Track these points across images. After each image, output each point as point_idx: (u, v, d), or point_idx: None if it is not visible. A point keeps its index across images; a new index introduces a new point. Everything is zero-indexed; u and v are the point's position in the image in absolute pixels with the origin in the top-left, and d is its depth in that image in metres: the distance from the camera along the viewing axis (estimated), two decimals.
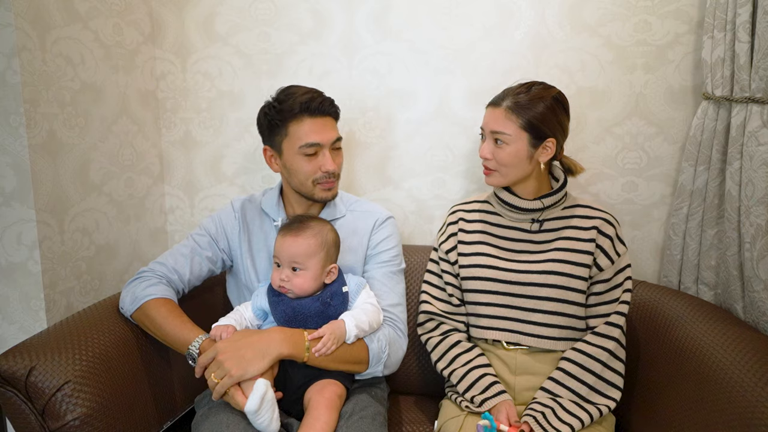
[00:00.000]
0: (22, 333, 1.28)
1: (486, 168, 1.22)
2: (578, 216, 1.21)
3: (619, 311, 1.15)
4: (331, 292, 1.12)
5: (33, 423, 0.97)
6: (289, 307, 1.10)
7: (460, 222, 1.30)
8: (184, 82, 1.66)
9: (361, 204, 1.33)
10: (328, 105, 1.19)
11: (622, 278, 1.18)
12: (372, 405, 1.10)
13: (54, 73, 1.27)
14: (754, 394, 0.88)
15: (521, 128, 1.15)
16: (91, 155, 1.41)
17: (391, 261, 1.26)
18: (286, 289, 1.10)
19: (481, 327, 1.22)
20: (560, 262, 1.17)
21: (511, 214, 1.25)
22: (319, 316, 1.10)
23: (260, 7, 1.58)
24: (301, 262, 1.09)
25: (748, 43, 1.17)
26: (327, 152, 1.18)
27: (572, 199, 1.26)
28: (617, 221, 1.22)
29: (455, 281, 1.27)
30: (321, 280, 1.12)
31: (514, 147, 1.16)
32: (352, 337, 1.07)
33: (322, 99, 1.18)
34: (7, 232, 1.24)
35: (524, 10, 1.45)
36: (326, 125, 1.19)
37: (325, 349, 1.04)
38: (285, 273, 1.10)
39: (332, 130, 1.20)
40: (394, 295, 1.24)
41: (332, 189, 1.22)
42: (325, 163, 1.18)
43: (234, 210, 1.31)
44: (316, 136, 1.16)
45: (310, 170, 1.18)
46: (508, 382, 1.18)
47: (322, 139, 1.17)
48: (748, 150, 1.18)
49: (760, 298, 1.16)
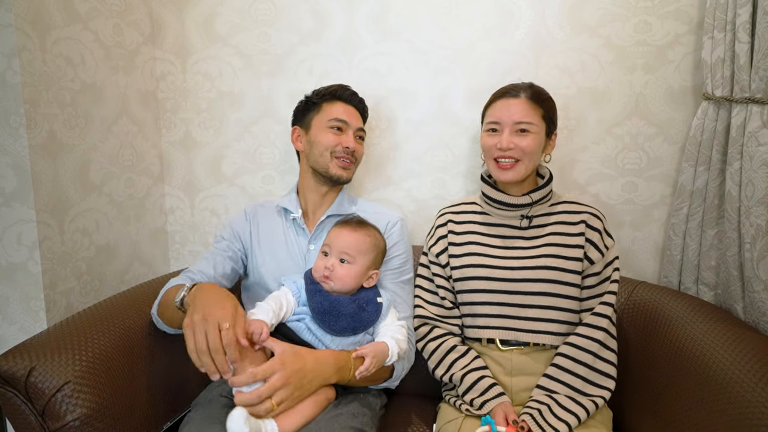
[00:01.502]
0: (22, 333, 1.28)
1: (503, 161, 1.20)
2: (566, 212, 1.24)
3: (606, 302, 1.16)
4: (367, 299, 1.14)
5: (33, 423, 0.97)
6: (326, 300, 1.10)
7: (449, 224, 1.31)
8: (184, 83, 1.66)
9: (371, 206, 1.38)
10: (358, 99, 1.38)
11: (610, 270, 1.19)
12: (357, 406, 1.09)
13: (54, 74, 1.27)
14: (754, 394, 0.88)
15: (542, 118, 1.20)
16: (91, 156, 1.41)
17: (401, 268, 1.28)
18: (327, 278, 1.11)
19: (477, 327, 1.22)
20: (552, 257, 1.18)
21: (500, 212, 1.25)
22: (352, 317, 1.10)
23: (260, 7, 1.58)
24: (352, 255, 1.12)
25: (748, 43, 1.17)
26: (351, 133, 1.31)
27: (558, 196, 1.28)
28: (603, 215, 1.24)
29: (447, 284, 1.27)
30: (362, 280, 1.14)
31: (538, 136, 1.19)
32: (391, 362, 1.10)
33: (354, 92, 1.37)
34: (7, 232, 1.24)
35: (524, 11, 1.45)
36: (354, 113, 1.35)
37: (367, 373, 1.06)
38: (331, 262, 1.12)
39: (358, 119, 1.36)
40: (407, 306, 1.27)
41: (347, 169, 1.31)
42: (347, 140, 1.30)
43: (246, 214, 1.38)
44: (345, 115, 1.31)
45: (333, 142, 1.29)
46: (505, 383, 1.17)
47: (349, 120, 1.32)
48: (748, 150, 1.18)
49: (760, 299, 1.16)
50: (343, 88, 1.35)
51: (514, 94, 1.20)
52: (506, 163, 1.20)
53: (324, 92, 1.34)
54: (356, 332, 1.11)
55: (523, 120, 1.17)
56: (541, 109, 1.19)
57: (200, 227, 1.73)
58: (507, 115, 1.19)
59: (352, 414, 1.05)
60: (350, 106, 1.34)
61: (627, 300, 1.30)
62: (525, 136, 1.18)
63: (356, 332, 1.11)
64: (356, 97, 1.36)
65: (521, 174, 1.20)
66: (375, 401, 1.19)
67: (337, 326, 1.09)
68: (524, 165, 1.19)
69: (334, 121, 1.30)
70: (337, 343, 1.10)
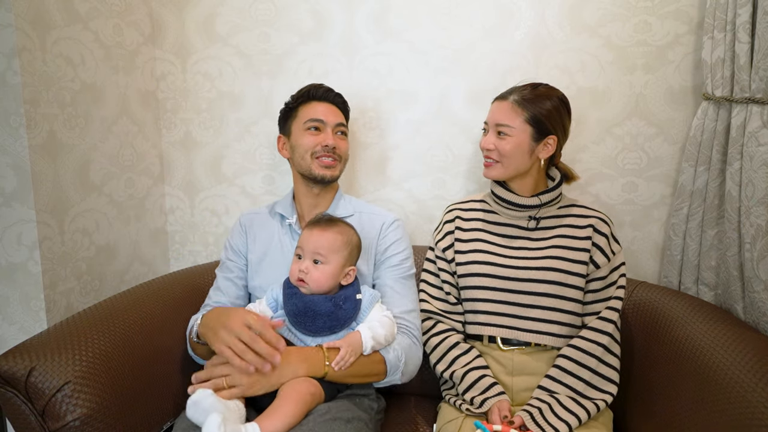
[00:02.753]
0: (22, 333, 1.28)
1: (486, 160, 1.24)
2: (574, 215, 1.24)
3: (611, 306, 1.16)
4: (344, 296, 1.12)
5: (33, 423, 0.97)
6: (301, 302, 1.10)
7: (457, 220, 1.31)
8: (184, 83, 1.66)
9: (369, 207, 1.36)
10: (333, 94, 1.33)
11: (616, 276, 1.19)
12: (351, 410, 1.06)
13: (54, 74, 1.27)
14: (754, 394, 0.88)
15: (525, 121, 1.18)
16: (92, 156, 1.41)
17: (400, 265, 1.27)
18: (303, 281, 1.10)
19: (479, 324, 1.22)
20: (557, 259, 1.18)
21: (508, 212, 1.26)
22: (329, 317, 1.09)
23: (260, 7, 1.58)
24: (325, 255, 1.10)
25: (748, 43, 1.17)
26: (329, 130, 1.28)
27: (567, 199, 1.28)
28: (611, 221, 1.24)
29: (452, 279, 1.28)
30: (338, 279, 1.13)
31: (517, 139, 1.18)
32: (369, 349, 1.08)
33: (327, 88, 1.33)
34: (7, 232, 1.24)
35: (524, 11, 1.45)
36: (330, 109, 1.31)
37: (343, 362, 1.04)
38: (305, 264, 1.11)
39: (338, 116, 1.32)
40: (407, 301, 1.24)
41: (331, 168, 1.28)
42: (325, 138, 1.27)
43: (242, 225, 1.37)
44: (321, 114, 1.29)
45: (311, 143, 1.27)
46: (506, 383, 1.18)
47: (325, 117, 1.29)
48: (748, 150, 1.18)
49: (760, 299, 1.16)
50: (315, 87, 1.32)
51: (504, 96, 1.22)
52: (488, 162, 1.24)
53: (298, 95, 1.33)
54: (334, 330, 1.10)
55: (501, 122, 1.19)
56: (525, 112, 1.17)
57: (200, 227, 1.73)
58: (492, 116, 1.23)
59: (346, 419, 1.01)
60: (326, 104, 1.31)
61: (627, 300, 1.30)
62: (502, 138, 1.19)
63: (334, 330, 1.10)
64: (331, 93, 1.33)
65: (501, 174, 1.22)
66: (372, 405, 1.16)
67: (314, 326, 1.08)
68: (503, 166, 1.21)
69: (309, 121, 1.28)
70: (318, 342, 1.09)
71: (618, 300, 1.17)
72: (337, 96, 1.35)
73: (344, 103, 1.37)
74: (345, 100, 1.37)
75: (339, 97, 1.35)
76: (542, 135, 1.19)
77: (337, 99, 1.34)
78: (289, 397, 0.99)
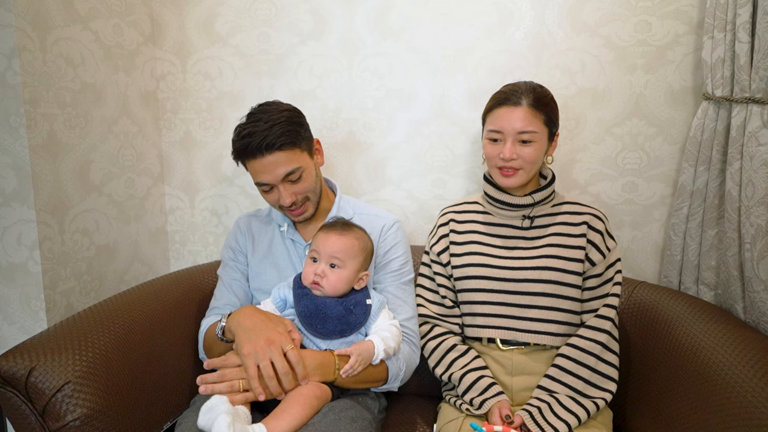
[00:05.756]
0: (22, 333, 1.28)
1: (506, 170, 1.19)
2: (567, 212, 1.23)
3: (608, 304, 1.16)
4: (355, 300, 1.13)
5: (33, 423, 0.97)
6: (312, 303, 1.10)
7: (451, 223, 1.31)
8: (184, 83, 1.66)
9: (369, 208, 1.36)
10: (267, 145, 1.11)
11: (612, 272, 1.19)
12: (355, 408, 1.06)
13: (54, 74, 1.27)
14: (754, 394, 0.88)
15: (544, 123, 1.18)
16: (92, 156, 1.41)
17: (400, 270, 1.27)
18: (318, 284, 1.10)
19: (477, 326, 1.22)
20: (553, 258, 1.18)
21: (502, 212, 1.25)
22: (339, 320, 1.10)
23: (260, 7, 1.58)
24: (342, 260, 1.11)
25: (748, 43, 1.17)
26: (280, 187, 1.17)
27: (560, 197, 1.28)
28: (606, 217, 1.24)
29: (448, 283, 1.28)
30: (353, 284, 1.14)
31: (540, 144, 1.18)
32: (379, 360, 1.09)
33: (259, 141, 1.11)
34: (7, 232, 1.24)
35: (524, 11, 1.45)
36: (271, 163, 1.13)
37: (352, 371, 1.05)
38: (321, 268, 1.11)
39: (280, 166, 1.14)
40: (408, 308, 1.25)
41: (302, 213, 1.23)
42: (279, 198, 1.19)
43: (239, 227, 1.37)
44: (262, 176, 1.16)
45: (272, 201, 1.23)
46: (505, 383, 1.18)
47: (268, 179, 1.16)
48: (749, 150, 1.18)
49: (760, 299, 1.16)
50: (244, 146, 1.13)
51: (515, 102, 1.16)
52: (509, 171, 1.19)
53: (235, 153, 1.18)
54: (344, 335, 1.10)
55: (526, 130, 1.15)
56: (542, 114, 1.16)
57: (200, 227, 1.73)
58: (509, 124, 1.16)
59: (351, 418, 1.02)
60: (265, 157, 1.12)
61: (627, 300, 1.30)
62: (527, 145, 1.16)
63: (344, 335, 1.10)
64: (265, 142, 1.10)
65: (524, 180, 1.20)
66: (374, 404, 1.17)
67: (324, 329, 1.09)
68: (526, 172, 1.19)
69: (258, 186, 1.20)
70: (327, 345, 1.10)
71: (615, 297, 1.17)
72: (273, 142, 1.11)
73: (289, 141, 1.13)
74: (288, 132, 1.13)
75: (281, 138, 1.12)
76: (553, 133, 1.21)
77: (279, 141, 1.11)
78: (296, 399, 1.00)
